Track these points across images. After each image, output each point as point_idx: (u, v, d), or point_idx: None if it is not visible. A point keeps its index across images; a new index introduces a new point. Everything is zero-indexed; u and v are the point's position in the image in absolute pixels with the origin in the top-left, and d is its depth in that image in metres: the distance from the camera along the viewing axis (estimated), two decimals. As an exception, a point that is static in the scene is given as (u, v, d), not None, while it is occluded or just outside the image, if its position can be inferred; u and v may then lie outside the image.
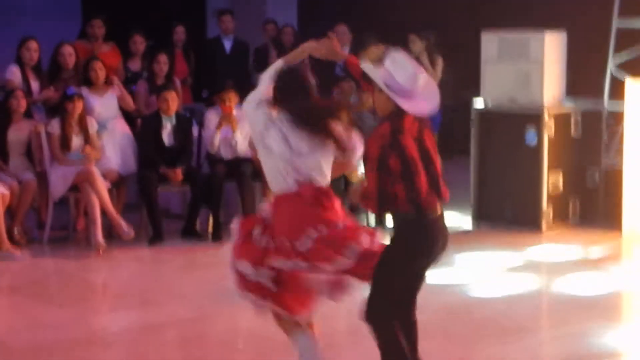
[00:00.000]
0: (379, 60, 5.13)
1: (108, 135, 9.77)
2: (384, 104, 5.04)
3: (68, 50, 10.14)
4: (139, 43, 10.99)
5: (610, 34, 10.33)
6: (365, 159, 5.04)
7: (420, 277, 5.13)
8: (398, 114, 4.99)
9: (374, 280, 5.07)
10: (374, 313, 5.03)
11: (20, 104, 9.35)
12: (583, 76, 10.80)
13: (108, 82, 9.94)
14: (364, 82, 5.34)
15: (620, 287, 8.03)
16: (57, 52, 10.16)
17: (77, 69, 10.08)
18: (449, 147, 12.17)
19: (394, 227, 5.09)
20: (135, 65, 10.96)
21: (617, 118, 10.33)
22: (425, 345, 5.06)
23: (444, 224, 5.10)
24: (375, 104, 5.17)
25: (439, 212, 5.04)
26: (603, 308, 7.35)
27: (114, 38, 11.03)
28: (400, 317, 5.08)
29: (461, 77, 11.05)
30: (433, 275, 5.36)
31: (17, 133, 9.39)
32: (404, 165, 4.91)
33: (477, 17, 11.72)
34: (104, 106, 9.82)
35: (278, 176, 5.33)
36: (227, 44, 11.91)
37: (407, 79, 4.97)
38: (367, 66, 5.17)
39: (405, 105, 4.98)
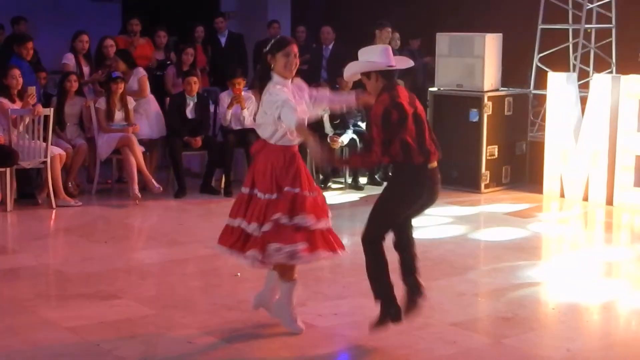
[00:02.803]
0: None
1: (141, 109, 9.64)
2: (374, 86, 4.99)
3: (109, 42, 10.05)
4: (162, 37, 10.95)
5: (536, 36, 10.31)
6: (370, 118, 4.97)
7: (414, 211, 5.05)
8: (389, 87, 4.95)
9: (373, 212, 5.00)
10: (367, 237, 5.01)
11: (73, 85, 9.26)
12: (514, 68, 10.78)
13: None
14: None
15: (540, 234, 8.05)
16: (101, 44, 10.07)
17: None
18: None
19: (392, 172, 5.07)
20: (160, 55, 10.88)
21: (540, 100, 10.35)
22: (392, 278, 5.04)
23: (434, 173, 5.01)
24: (369, 91, 5.05)
25: (430, 164, 4.96)
26: (527, 249, 7.36)
27: (146, 34, 10.96)
28: (399, 235, 5.07)
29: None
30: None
31: (71, 107, 9.30)
32: (401, 118, 4.84)
33: (433, 22, 11.62)
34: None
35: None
36: (222, 40, 11.81)
37: (381, 53, 4.98)
38: (348, 69, 5.09)
39: (395, 64, 4.98)
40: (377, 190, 5.89)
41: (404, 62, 5.15)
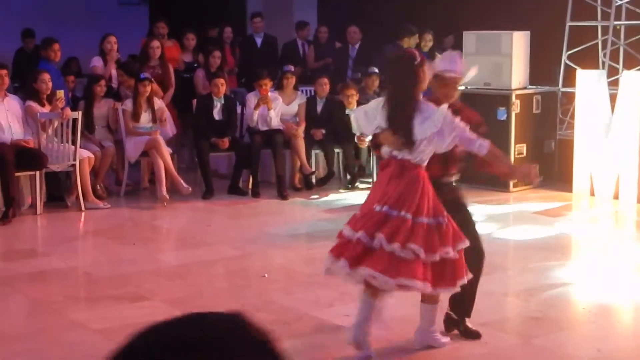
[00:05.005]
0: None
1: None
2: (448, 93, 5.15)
3: (156, 44, 9.99)
4: (191, 39, 10.91)
5: (564, 33, 10.22)
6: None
7: None
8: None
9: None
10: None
11: (102, 89, 9.30)
12: (542, 66, 10.69)
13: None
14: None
15: (570, 233, 7.97)
16: (147, 44, 10.03)
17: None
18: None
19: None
20: (188, 57, 10.87)
21: (568, 98, 10.25)
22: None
23: None
24: (439, 96, 5.14)
25: None
26: (557, 248, 7.29)
27: (173, 36, 10.97)
28: None
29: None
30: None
31: (99, 110, 9.35)
32: None
33: (460, 20, 11.55)
34: None
35: None
36: (258, 40, 11.79)
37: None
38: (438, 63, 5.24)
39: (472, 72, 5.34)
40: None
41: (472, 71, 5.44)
